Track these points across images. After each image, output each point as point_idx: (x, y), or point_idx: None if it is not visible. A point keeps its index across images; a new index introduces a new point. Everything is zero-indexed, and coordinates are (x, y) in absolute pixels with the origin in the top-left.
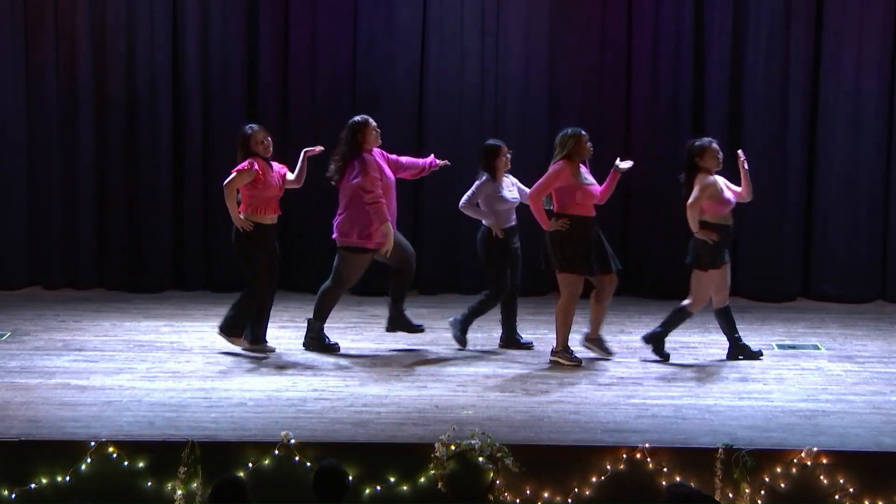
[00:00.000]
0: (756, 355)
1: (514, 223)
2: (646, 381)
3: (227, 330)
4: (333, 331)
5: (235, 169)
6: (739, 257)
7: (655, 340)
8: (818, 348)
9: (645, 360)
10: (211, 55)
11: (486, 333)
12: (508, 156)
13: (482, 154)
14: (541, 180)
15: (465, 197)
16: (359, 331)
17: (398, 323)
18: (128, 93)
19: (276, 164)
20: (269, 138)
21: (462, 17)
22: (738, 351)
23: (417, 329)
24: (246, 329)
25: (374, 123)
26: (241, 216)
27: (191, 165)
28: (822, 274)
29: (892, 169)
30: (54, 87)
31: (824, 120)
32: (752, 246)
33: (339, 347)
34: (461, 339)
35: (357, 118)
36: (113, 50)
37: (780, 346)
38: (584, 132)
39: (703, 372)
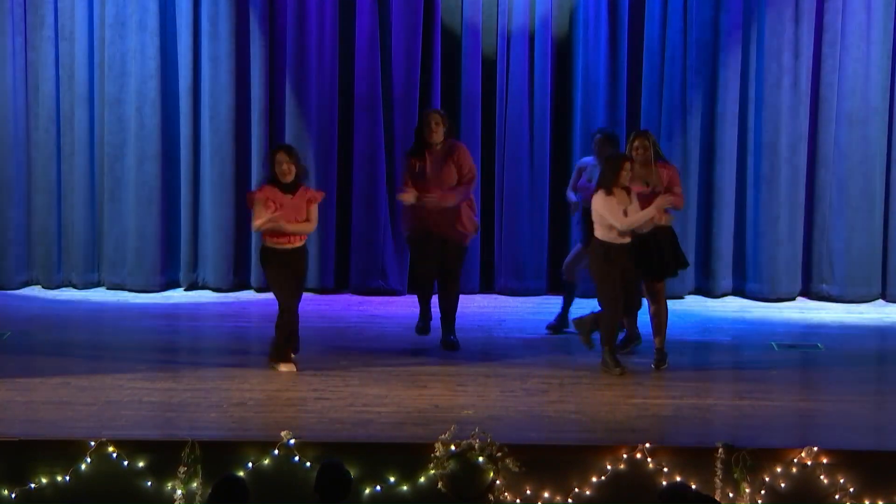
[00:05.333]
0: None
1: None
2: (646, 381)
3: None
4: (334, 330)
5: (250, 197)
6: (740, 257)
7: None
8: (818, 348)
9: (644, 360)
10: (208, 55)
11: (485, 334)
12: None
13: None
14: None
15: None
16: (358, 331)
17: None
18: (127, 93)
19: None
20: (290, 164)
21: (462, 16)
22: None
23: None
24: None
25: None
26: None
27: (188, 165)
28: (822, 274)
29: (892, 169)
30: (54, 87)
31: (824, 120)
32: (752, 246)
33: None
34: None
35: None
36: (112, 49)
37: (780, 346)
38: (640, 131)
39: (703, 372)
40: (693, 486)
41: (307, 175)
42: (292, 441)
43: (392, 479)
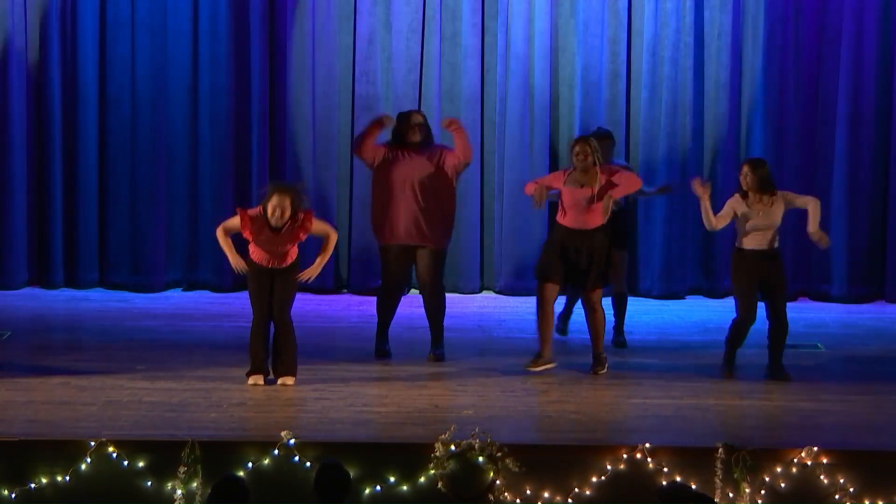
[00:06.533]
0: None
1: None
2: (646, 381)
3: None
4: (334, 330)
5: (238, 211)
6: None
7: None
8: (818, 348)
9: (644, 360)
10: (208, 56)
11: (485, 334)
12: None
13: None
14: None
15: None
16: (358, 331)
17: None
18: (127, 93)
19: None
20: (284, 210)
21: (462, 16)
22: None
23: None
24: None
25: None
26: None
27: (188, 165)
28: (822, 274)
29: (892, 169)
30: (55, 87)
31: (824, 120)
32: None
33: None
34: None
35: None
36: (113, 50)
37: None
38: (581, 138)
39: (703, 372)
40: (693, 486)
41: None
42: (292, 441)
43: (392, 479)
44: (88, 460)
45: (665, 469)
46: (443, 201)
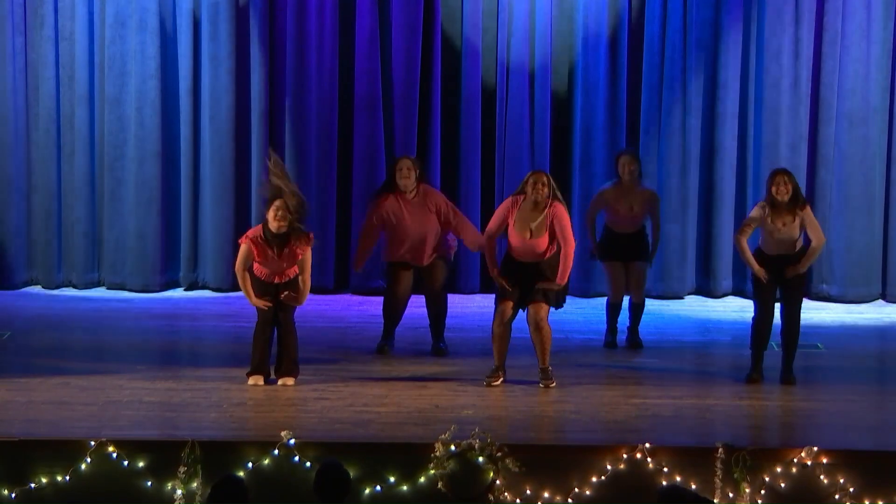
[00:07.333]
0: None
1: None
2: (646, 381)
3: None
4: (334, 330)
5: (241, 242)
6: (740, 257)
7: None
8: (818, 348)
9: (644, 360)
10: (207, 55)
11: (485, 334)
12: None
13: None
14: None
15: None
16: (358, 331)
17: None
18: (127, 93)
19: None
20: (286, 213)
21: (462, 16)
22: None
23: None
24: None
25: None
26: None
27: (188, 165)
28: (822, 274)
29: (893, 169)
30: (54, 87)
31: (824, 120)
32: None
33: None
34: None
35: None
36: (112, 49)
37: (780, 346)
38: (537, 171)
39: (703, 372)
40: (692, 488)
41: (304, 217)
42: (292, 441)
43: (392, 479)
44: (88, 460)
45: (665, 469)
46: (439, 231)
